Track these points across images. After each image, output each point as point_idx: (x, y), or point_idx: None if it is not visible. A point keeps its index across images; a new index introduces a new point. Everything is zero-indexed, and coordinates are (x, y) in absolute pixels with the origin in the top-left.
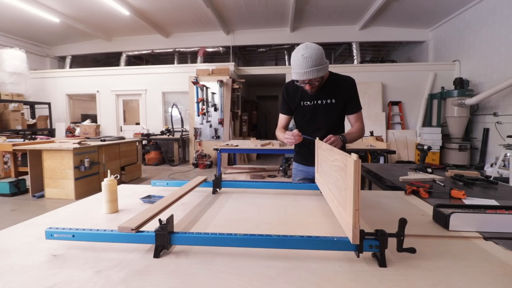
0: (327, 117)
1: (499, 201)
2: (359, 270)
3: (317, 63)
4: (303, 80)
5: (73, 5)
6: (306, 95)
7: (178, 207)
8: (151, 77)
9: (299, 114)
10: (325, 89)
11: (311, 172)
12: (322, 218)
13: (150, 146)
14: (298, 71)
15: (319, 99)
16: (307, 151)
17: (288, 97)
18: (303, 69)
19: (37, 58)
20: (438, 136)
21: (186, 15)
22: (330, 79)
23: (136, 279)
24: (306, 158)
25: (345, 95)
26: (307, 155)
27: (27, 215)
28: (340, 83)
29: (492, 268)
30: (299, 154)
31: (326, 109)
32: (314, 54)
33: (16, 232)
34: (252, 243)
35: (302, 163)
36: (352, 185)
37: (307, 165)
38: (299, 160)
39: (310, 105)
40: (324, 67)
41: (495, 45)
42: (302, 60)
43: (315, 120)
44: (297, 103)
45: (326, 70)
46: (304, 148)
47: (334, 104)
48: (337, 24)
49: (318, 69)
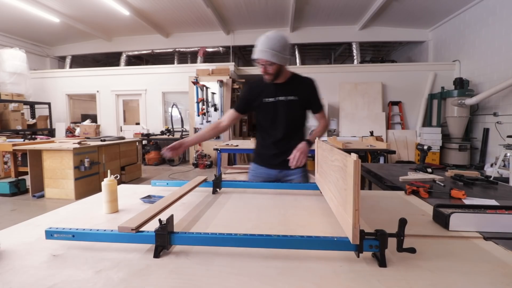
0: (288, 114)
1: (499, 201)
2: (359, 270)
3: (275, 48)
4: (257, 59)
5: (73, 5)
6: (268, 92)
7: (178, 207)
8: (151, 77)
9: (261, 111)
10: (287, 86)
11: (272, 175)
12: (322, 218)
13: (150, 146)
14: (256, 49)
15: (280, 96)
16: (269, 153)
17: (251, 93)
18: (260, 47)
19: (37, 58)
20: (438, 136)
21: (186, 15)
22: (291, 77)
23: (136, 279)
24: (268, 160)
25: (307, 95)
26: (269, 157)
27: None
28: (301, 82)
29: (492, 268)
30: (260, 155)
31: (287, 106)
32: (277, 39)
33: (16, 232)
34: (252, 243)
35: (263, 165)
36: (352, 185)
37: (268, 167)
38: (260, 162)
39: (272, 101)
40: (281, 56)
41: (495, 45)
42: (264, 39)
43: (276, 117)
44: (260, 100)
45: (283, 61)
46: (266, 149)
47: (295, 101)
48: (337, 24)
49: (273, 53)
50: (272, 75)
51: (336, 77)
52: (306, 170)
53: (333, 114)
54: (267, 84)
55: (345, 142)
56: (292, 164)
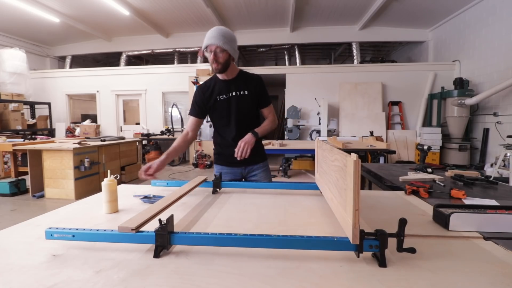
0: (243, 108)
1: (499, 201)
2: (359, 270)
3: (227, 37)
4: (209, 45)
5: (73, 5)
6: (221, 90)
7: (178, 207)
8: (151, 77)
9: (216, 110)
10: (237, 81)
11: (237, 173)
12: (322, 218)
13: (150, 146)
14: (207, 36)
15: (233, 91)
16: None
17: (204, 96)
18: (211, 34)
19: (37, 58)
20: (438, 136)
21: (186, 15)
22: (240, 73)
23: (136, 279)
24: (229, 159)
25: (255, 89)
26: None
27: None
28: (250, 77)
29: (492, 268)
30: (221, 155)
31: (240, 101)
32: (228, 32)
33: (16, 232)
34: (252, 243)
35: (226, 165)
36: (352, 185)
37: (231, 166)
38: (222, 162)
39: (226, 98)
40: (232, 47)
41: (495, 45)
42: (215, 29)
43: (231, 113)
44: (214, 99)
45: (233, 52)
46: (225, 148)
47: (247, 95)
48: (337, 24)
49: (224, 41)
50: (221, 65)
51: (336, 77)
52: (267, 164)
53: (333, 114)
54: (217, 83)
55: (345, 142)
56: (237, 155)
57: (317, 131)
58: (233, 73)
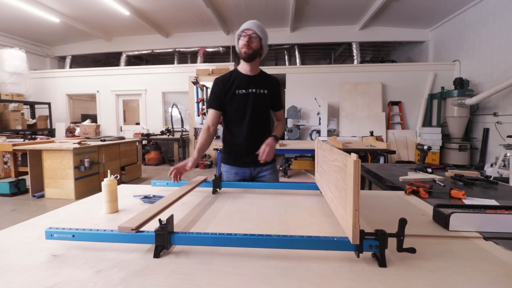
0: (259, 106)
1: (499, 201)
2: (359, 270)
3: (263, 30)
4: (246, 29)
5: (73, 5)
6: (240, 84)
7: (178, 207)
8: (151, 77)
9: (233, 104)
10: (258, 79)
11: (247, 173)
12: (322, 218)
13: (150, 146)
14: (246, 23)
15: (252, 88)
16: (241, 150)
17: (224, 88)
18: (251, 21)
19: (37, 58)
20: (438, 136)
21: (186, 15)
22: (261, 73)
23: (136, 279)
24: (238, 159)
25: (274, 90)
26: (241, 155)
27: (27, 215)
28: (270, 78)
29: (492, 268)
30: (230, 155)
31: (258, 99)
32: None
33: (16, 232)
34: (252, 243)
35: (235, 165)
36: (352, 185)
37: (241, 166)
38: (232, 162)
39: (245, 93)
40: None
41: (495, 45)
42: (255, 20)
43: (246, 109)
44: (232, 92)
45: (264, 43)
46: (237, 146)
47: (266, 94)
48: (337, 24)
49: (262, 31)
50: (252, 50)
51: (336, 77)
52: (275, 166)
53: (333, 114)
54: (238, 76)
55: (345, 142)
56: (261, 158)
57: (317, 131)
58: (255, 70)
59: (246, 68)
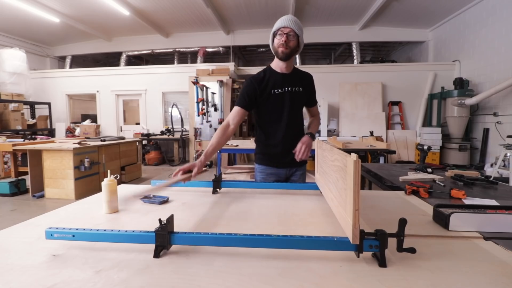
0: (295, 105)
1: (499, 201)
2: (359, 270)
3: (301, 26)
4: (284, 27)
5: (73, 5)
6: (275, 83)
7: (178, 207)
8: (151, 77)
9: (269, 104)
10: (293, 77)
11: (282, 174)
12: (322, 218)
13: (150, 146)
14: (282, 19)
15: (288, 86)
16: (277, 150)
17: (260, 88)
18: (288, 17)
19: (37, 58)
20: (438, 136)
21: (186, 15)
22: (295, 70)
23: (136, 279)
24: (276, 159)
25: (309, 87)
26: (277, 155)
27: (27, 215)
28: (303, 74)
29: (492, 268)
30: (266, 155)
31: (294, 97)
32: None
33: (16, 232)
34: (252, 243)
35: (271, 166)
36: (352, 185)
37: (277, 167)
38: (267, 162)
39: (281, 92)
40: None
41: (495, 45)
42: (291, 15)
43: (283, 108)
44: (268, 92)
45: (301, 41)
46: (272, 147)
47: (302, 92)
48: (337, 24)
49: (299, 28)
50: (290, 49)
51: (336, 77)
52: (306, 167)
53: (333, 114)
54: (272, 75)
55: (345, 142)
56: (298, 157)
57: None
58: (290, 68)
59: (281, 66)
